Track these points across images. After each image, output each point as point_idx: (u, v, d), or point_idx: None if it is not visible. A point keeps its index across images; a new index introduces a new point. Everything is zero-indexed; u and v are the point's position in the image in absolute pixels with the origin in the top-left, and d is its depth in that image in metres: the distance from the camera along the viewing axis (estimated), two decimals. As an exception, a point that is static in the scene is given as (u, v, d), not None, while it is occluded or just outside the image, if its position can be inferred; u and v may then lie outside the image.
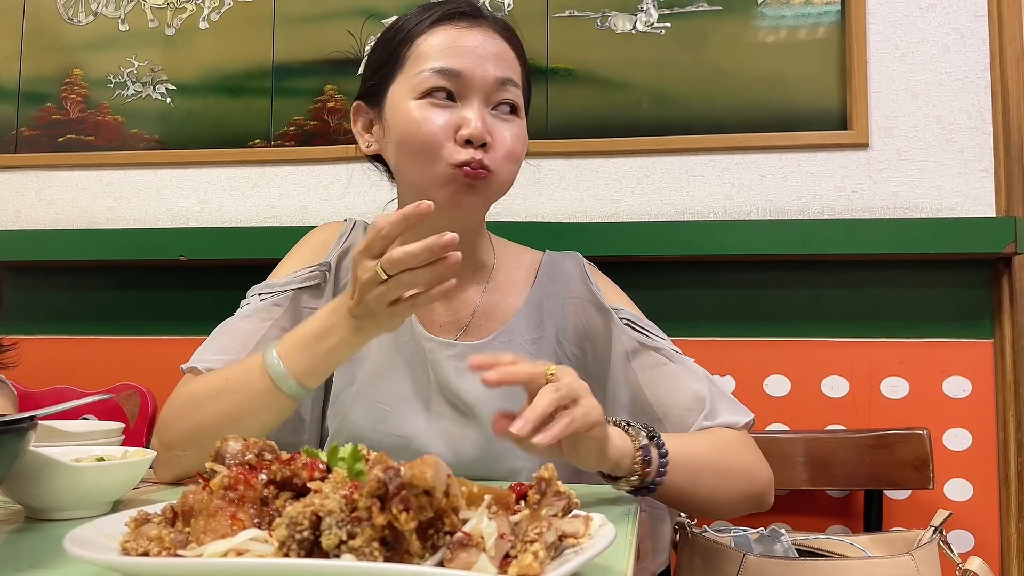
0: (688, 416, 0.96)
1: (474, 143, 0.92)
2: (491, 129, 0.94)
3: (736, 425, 0.96)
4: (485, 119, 0.94)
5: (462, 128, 0.93)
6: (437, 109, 0.94)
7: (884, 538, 1.22)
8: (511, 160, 0.96)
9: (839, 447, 1.40)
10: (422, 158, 0.94)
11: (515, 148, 0.97)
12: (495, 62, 0.96)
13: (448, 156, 0.93)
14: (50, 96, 1.78)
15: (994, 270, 1.49)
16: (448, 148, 0.93)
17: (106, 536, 0.53)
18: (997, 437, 1.47)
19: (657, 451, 0.82)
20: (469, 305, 1.04)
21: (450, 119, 0.93)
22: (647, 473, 0.81)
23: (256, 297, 1.03)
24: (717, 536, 1.18)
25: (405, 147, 0.96)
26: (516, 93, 0.98)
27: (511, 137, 0.96)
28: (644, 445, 0.81)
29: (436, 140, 0.93)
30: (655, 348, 1.01)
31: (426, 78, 0.94)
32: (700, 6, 1.59)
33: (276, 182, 1.69)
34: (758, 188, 1.55)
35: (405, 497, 0.46)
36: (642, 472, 0.80)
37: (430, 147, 0.93)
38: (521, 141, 0.98)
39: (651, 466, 0.81)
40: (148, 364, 1.67)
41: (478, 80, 0.94)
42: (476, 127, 0.92)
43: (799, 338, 1.53)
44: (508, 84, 0.96)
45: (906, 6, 1.54)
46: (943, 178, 1.51)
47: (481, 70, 0.95)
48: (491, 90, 0.95)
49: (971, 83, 1.51)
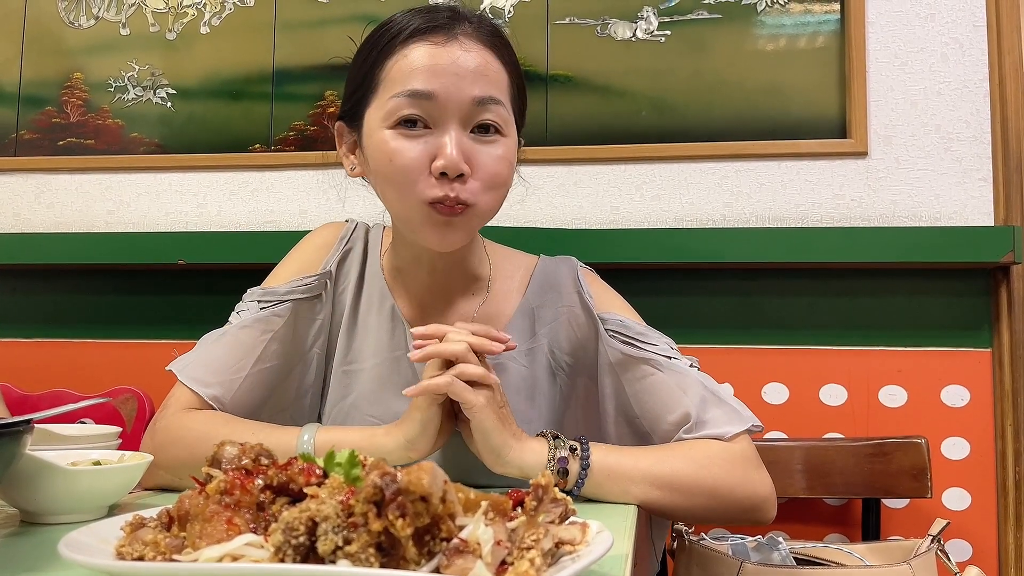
0: (671, 431, 0.94)
1: (450, 174, 0.87)
2: (470, 156, 0.89)
3: (724, 436, 0.91)
4: (462, 145, 0.88)
5: (437, 158, 0.87)
6: (410, 140, 0.89)
7: (882, 547, 1.22)
8: (493, 187, 0.91)
9: (837, 455, 1.39)
10: (398, 192, 0.90)
11: (497, 172, 0.91)
12: (472, 79, 0.89)
13: (422, 192, 0.88)
14: (50, 99, 1.78)
15: (992, 279, 1.49)
16: (422, 183, 0.88)
17: (101, 540, 0.53)
18: (995, 446, 1.47)
19: (579, 463, 0.86)
20: (465, 320, 1.02)
21: (424, 149, 0.88)
22: (563, 483, 0.86)
23: (255, 304, 1.01)
24: (714, 544, 1.18)
25: (380, 178, 0.92)
26: (499, 111, 0.91)
27: (492, 162, 0.90)
28: (562, 456, 0.86)
29: (410, 174, 0.88)
30: (643, 359, 0.97)
31: (397, 104, 0.89)
32: (700, 14, 1.59)
33: (276, 187, 1.69)
34: (757, 196, 1.55)
35: (401, 503, 0.46)
36: (557, 482, 0.85)
37: (404, 181, 0.89)
38: (504, 163, 0.91)
39: (569, 477, 0.86)
40: (146, 368, 1.66)
41: (453, 102, 0.88)
42: (451, 156, 0.86)
43: (797, 346, 1.53)
44: (488, 103, 0.89)
45: (905, 15, 1.54)
46: (942, 187, 1.51)
47: (456, 90, 0.88)
48: (469, 112, 0.89)
49: (970, 92, 1.52)
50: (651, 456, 0.90)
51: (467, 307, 1.04)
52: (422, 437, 0.86)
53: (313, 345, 1.03)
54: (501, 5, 1.65)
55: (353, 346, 1.03)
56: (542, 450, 0.87)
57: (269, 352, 0.98)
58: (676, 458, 0.90)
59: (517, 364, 1.01)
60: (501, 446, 0.85)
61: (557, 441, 0.88)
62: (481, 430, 0.85)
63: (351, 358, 1.03)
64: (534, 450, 0.87)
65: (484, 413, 0.84)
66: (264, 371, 0.98)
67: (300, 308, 1.01)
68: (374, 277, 1.05)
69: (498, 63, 0.93)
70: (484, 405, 0.84)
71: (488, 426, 0.84)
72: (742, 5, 1.58)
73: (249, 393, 0.97)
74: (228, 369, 0.96)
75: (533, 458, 0.86)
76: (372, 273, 1.06)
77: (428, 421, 0.86)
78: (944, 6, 1.53)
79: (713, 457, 0.90)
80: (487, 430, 0.85)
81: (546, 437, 0.89)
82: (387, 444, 0.87)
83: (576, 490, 0.86)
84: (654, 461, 0.89)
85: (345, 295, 1.05)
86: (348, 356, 1.03)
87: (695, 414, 0.93)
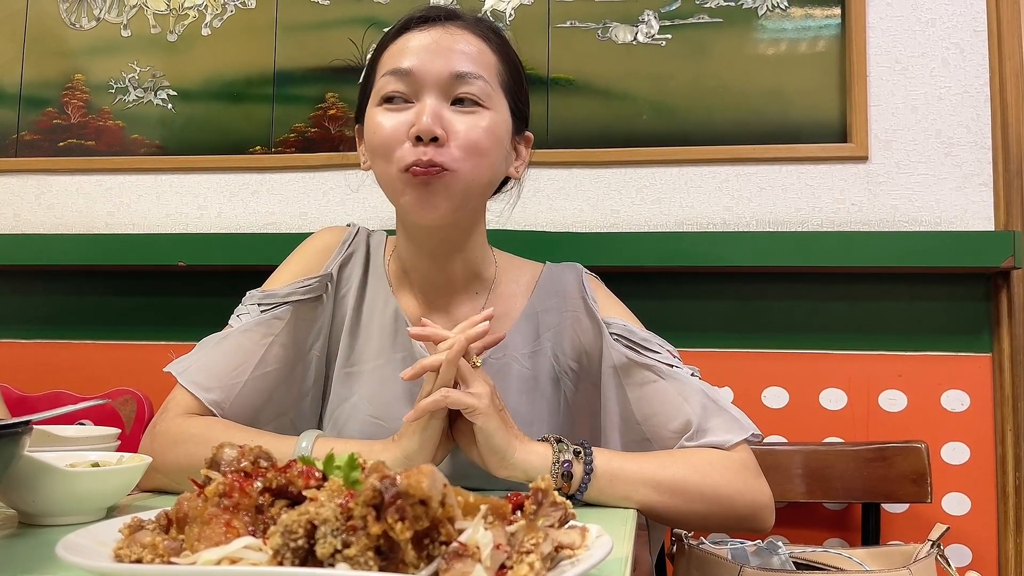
0: (672, 439, 0.94)
1: (424, 139, 0.90)
2: (448, 124, 0.91)
3: (724, 445, 0.92)
4: (438, 114, 0.91)
5: (413, 126, 0.91)
6: (392, 113, 0.93)
7: (882, 552, 1.22)
8: (471, 152, 0.92)
9: (837, 460, 1.39)
10: (382, 163, 0.94)
11: (474, 139, 0.92)
12: (452, 56, 0.93)
13: (400, 159, 0.91)
14: (51, 100, 1.78)
15: (993, 284, 1.49)
16: (400, 150, 0.91)
17: (99, 542, 0.53)
18: (995, 451, 1.46)
19: (582, 467, 0.86)
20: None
21: (404, 119, 0.92)
22: (567, 487, 0.85)
23: (256, 307, 1.01)
24: (714, 548, 1.18)
25: (371, 156, 0.97)
26: (481, 85, 0.93)
27: (470, 129, 0.92)
28: (567, 460, 0.85)
29: (391, 143, 0.92)
30: (646, 365, 0.97)
31: (382, 83, 0.95)
32: (701, 18, 1.59)
33: (276, 188, 1.69)
34: (757, 200, 1.55)
35: (401, 507, 0.46)
36: (561, 485, 0.85)
37: (385, 151, 0.93)
38: (483, 131, 0.93)
39: (573, 480, 0.86)
40: (145, 370, 1.66)
41: (431, 76, 0.92)
42: (424, 122, 0.89)
43: (797, 350, 1.53)
44: (468, 77, 0.93)
45: (906, 20, 1.54)
46: (942, 191, 1.51)
47: (432, 65, 0.92)
48: (447, 84, 0.93)
49: (970, 97, 1.52)
50: (654, 462, 0.90)
51: (471, 307, 1.03)
52: (420, 453, 0.85)
53: (312, 347, 1.03)
54: (502, 8, 1.65)
55: (356, 348, 1.03)
56: (546, 453, 0.86)
57: (270, 356, 0.98)
58: (678, 464, 0.90)
59: (520, 365, 1.01)
60: (506, 447, 0.85)
61: (561, 445, 0.87)
62: (485, 432, 0.84)
63: (353, 360, 1.03)
64: (538, 452, 0.86)
65: (487, 414, 0.84)
66: (265, 375, 0.98)
67: (300, 310, 1.01)
68: (378, 281, 1.06)
69: (485, 47, 0.97)
70: (487, 406, 0.84)
71: (492, 427, 0.84)
72: (743, 9, 1.58)
73: (249, 398, 0.97)
74: (228, 374, 0.96)
75: (538, 460, 0.86)
76: (375, 277, 1.06)
77: (427, 438, 0.86)
78: (945, 11, 1.53)
79: (714, 465, 0.91)
80: (491, 431, 0.84)
81: (549, 441, 0.88)
82: (385, 459, 0.86)
83: (579, 494, 0.86)
84: (657, 467, 0.89)
85: (347, 298, 1.05)
86: (351, 358, 1.03)
87: (696, 422, 0.93)
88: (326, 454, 0.63)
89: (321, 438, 0.89)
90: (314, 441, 0.88)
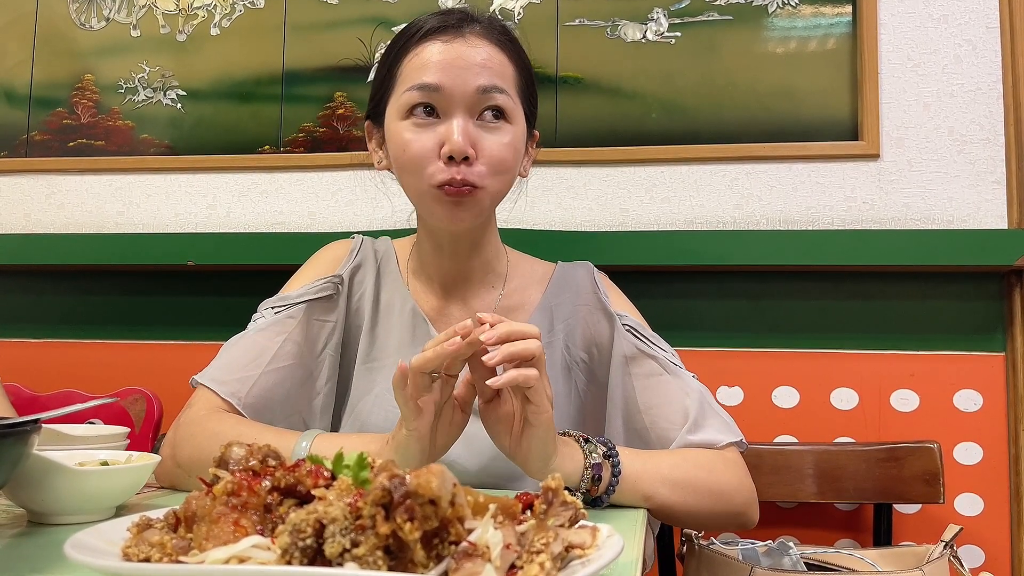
0: (671, 430, 0.97)
1: (456, 158, 0.93)
2: (475, 141, 0.94)
3: (716, 444, 0.96)
4: (468, 131, 0.94)
5: (444, 144, 0.93)
6: (420, 129, 0.95)
7: (894, 553, 1.21)
8: (498, 171, 0.96)
9: (848, 460, 1.38)
10: (412, 179, 0.97)
11: (501, 157, 0.96)
12: (476, 71, 0.95)
13: (432, 176, 0.94)
14: (61, 101, 1.78)
15: (1006, 283, 1.48)
16: (432, 168, 0.94)
17: (108, 541, 0.53)
18: (1008, 451, 1.45)
19: (611, 470, 0.86)
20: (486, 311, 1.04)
21: (433, 137, 0.94)
22: (595, 490, 0.85)
23: (270, 311, 1.05)
24: (724, 549, 1.17)
25: (398, 166, 0.99)
26: (503, 99, 0.96)
27: (497, 147, 0.95)
28: (597, 463, 0.85)
29: (421, 161, 0.95)
30: (652, 356, 1.02)
31: (410, 97, 0.96)
32: (711, 16, 1.59)
33: (285, 188, 1.69)
34: (768, 198, 1.54)
35: (410, 506, 0.45)
36: (591, 488, 0.84)
37: (416, 168, 0.95)
38: (509, 148, 0.97)
39: (600, 483, 0.85)
40: (155, 369, 1.67)
41: (459, 92, 0.94)
42: (456, 141, 0.92)
43: (808, 349, 1.52)
44: (492, 91, 0.95)
45: (918, 17, 1.53)
46: (954, 190, 1.50)
47: (461, 81, 0.94)
48: (473, 100, 0.95)
49: (983, 94, 1.50)
50: (666, 460, 0.92)
51: (486, 299, 1.08)
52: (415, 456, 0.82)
53: (326, 347, 1.06)
54: (511, 7, 1.64)
55: (376, 344, 1.07)
56: (579, 457, 0.85)
57: (284, 352, 1.01)
58: (688, 463, 0.93)
59: None
60: (552, 454, 0.83)
61: (589, 446, 0.86)
62: (540, 438, 0.81)
63: (374, 355, 1.07)
64: (573, 457, 0.85)
65: (551, 420, 0.81)
66: (279, 370, 1.00)
67: (313, 310, 1.05)
68: (393, 282, 1.10)
69: (504, 57, 0.99)
70: (549, 411, 0.81)
71: (550, 435, 0.81)
72: (753, 7, 1.58)
73: (265, 390, 0.99)
74: (244, 367, 0.99)
75: (572, 466, 0.84)
76: (390, 278, 1.11)
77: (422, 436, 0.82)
78: (957, 8, 1.52)
79: (716, 462, 0.95)
80: (547, 438, 0.81)
81: (577, 441, 0.87)
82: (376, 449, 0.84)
83: (606, 497, 0.85)
84: (670, 465, 0.91)
85: (363, 301, 1.09)
86: (371, 354, 1.07)
87: (694, 416, 0.97)
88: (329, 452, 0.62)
89: (321, 436, 0.89)
90: (313, 440, 0.88)
